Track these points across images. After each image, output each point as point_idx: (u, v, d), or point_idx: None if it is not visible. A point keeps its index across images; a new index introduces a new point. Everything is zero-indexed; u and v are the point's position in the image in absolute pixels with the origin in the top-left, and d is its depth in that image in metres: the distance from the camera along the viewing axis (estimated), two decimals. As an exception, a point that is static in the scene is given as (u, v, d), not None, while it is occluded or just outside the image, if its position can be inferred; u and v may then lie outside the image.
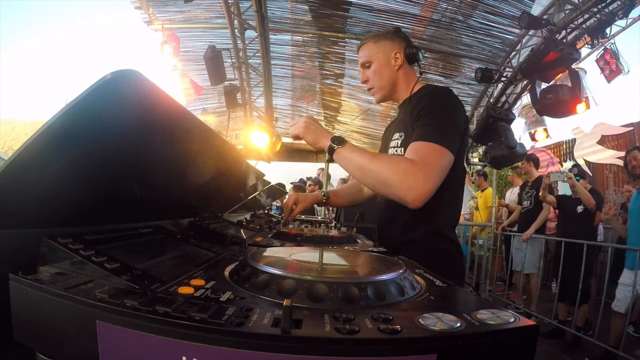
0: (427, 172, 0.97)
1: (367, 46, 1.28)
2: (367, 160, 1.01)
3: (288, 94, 6.63)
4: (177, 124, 0.77)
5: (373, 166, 0.99)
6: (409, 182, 0.95)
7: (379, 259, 0.79)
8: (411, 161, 0.99)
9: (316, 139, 1.09)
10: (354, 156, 1.03)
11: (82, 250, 0.56)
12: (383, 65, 1.25)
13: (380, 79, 1.26)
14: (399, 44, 1.26)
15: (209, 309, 0.43)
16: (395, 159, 1.06)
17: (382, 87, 1.27)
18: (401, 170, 0.97)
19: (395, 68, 1.25)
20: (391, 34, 1.29)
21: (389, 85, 1.27)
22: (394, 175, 0.97)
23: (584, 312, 3.35)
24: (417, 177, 0.96)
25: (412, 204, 0.97)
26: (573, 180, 3.43)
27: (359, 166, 1.02)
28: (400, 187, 0.96)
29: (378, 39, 1.27)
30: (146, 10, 4.84)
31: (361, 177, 1.05)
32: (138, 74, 0.54)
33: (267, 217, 2.10)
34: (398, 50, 1.25)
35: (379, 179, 0.99)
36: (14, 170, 0.50)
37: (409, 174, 0.96)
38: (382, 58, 1.25)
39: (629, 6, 3.52)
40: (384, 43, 1.26)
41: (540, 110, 4.03)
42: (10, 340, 0.47)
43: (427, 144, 1.02)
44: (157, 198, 0.93)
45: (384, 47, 1.26)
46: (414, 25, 4.85)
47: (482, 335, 0.41)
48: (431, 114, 1.08)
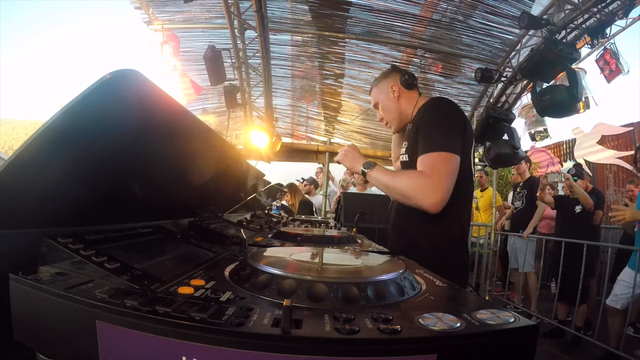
0: (437, 180, 1.11)
1: (372, 92, 1.50)
2: (390, 179, 1.21)
3: (288, 94, 6.62)
4: (177, 124, 0.77)
5: (395, 184, 1.19)
6: (423, 193, 1.11)
7: (379, 258, 0.79)
8: (422, 174, 1.15)
9: (352, 164, 1.30)
10: (381, 177, 1.22)
11: (82, 250, 0.56)
12: (386, 102, 1.44)
13: (389, 113, 1.45)
14: (394, 77, 1.44)
15: (209, 309, 0.43)
16: (410, 175, 1.20)
17: (393, 119, 1.46)
18: (415, 184, 1.14)
19: (396, 100, 1.42)
20: (386, 72, 1.48)
21: (397, 115, 1.44)
22: (411, 189, 1.14)
23: (583, 311, 3.35)
24: (428, 187, 1.11)
25: (431, 210, 1.12)
26: (570, 181, 3.43)
27: (384, 185, 1.21)
28: (417, 198, 1.13)
29: (378, 82, 1.48)
30: (146, 10, 4.84)
31: (388, 194, 1.24)
32: (138, 73, 0.54)
33: (267, 217, 2.10)
34: (394, 84, 1.42)
35: (400, 194, 1.18)
36: (14, 170, 0.50)
37: (422, 186, 1.12)
38: (384, 96, 1.45)
39: (629, 6, 3.51)
40: (382, 83, 1.46)
41: (540, 111, 4.03)
42: (10, 340, 0.47)
43: (430, 154, 1.15)
44: (157, 198, 0.93)
45: (383, 86, 1.45)
46: (414, 25, 4.85)
47: (482, 335, 0.41)
48: (428, 123, 1.22)
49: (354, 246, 1.12)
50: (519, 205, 4.38)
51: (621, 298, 2.82)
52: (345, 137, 7.37)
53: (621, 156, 5.97)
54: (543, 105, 3.79)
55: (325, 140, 7.46)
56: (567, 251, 3.48)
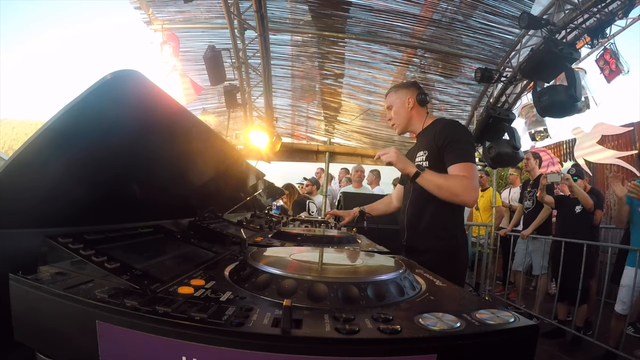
0: (474, 183, 1.50)
1: (390, 94, 1.78)
2: (442, 180, 1.49)
3: (288, 94, 6.61)
4: (177, 124, 0.77)
5: (448, 184, 1.48)
6: (469, 192, 1.47)
7: (378, 258, 0.79)
8: (467, 178, 1.48)
9: (405, 166, 1.53)
10: (433, 179, 1.49)
11: (82, 250, 0.56)
12: (400, 108, 1.73)
13: (399, 118, 1.74)
14: (412, 92, 1.73)
15: (209, 309, 0.43)
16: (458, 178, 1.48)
17: (400, 124, 1.75)
18: (465, 185, 1.46)
19: (409, 109, 1.72)
20: (407, 84, 1.77)
21: (405, 121, 1.74)
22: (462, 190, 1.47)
23: (583, 311, 3.34)
24: (472, 188, 1.48)
25: (471, 205, 1.51)
26: (570, 181, 3.42)
27: (437, 185, 1.49)
28: (465, 196, 1.47)
29: (397, 89, 1.76)
30: (146, 11, 4.84)
31: (439, 192, 1.49)
32: (138, 74, 0.54)
33: (267, 217, 2.10)
34: (411, 97, 1.72)
35: (452, 192, 1.47)
36: (14, 170, 0.50)
37: (468, 187, 1.47)
38: (399, 102, 1.74)
39: (629, 6, 3.51)
40: (401, 92, 1.74)
41: (539, 111, 4.03)
42: (10, 340, 0.47)
43: (465, 164, 1.49)
44: (157, 198, 0.93)
45: (401, 94, 1.74)
46: (414, 25, 4.85)
47: (482, 335, 0.41)
48: (456, 141, 1.54)
49: (354, 246, 1.12)
50: (529, 205, 4.25)
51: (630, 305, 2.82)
52: (345, 137, 7.37)
53: (621, 156, 5.96)
54: (542, 105, 3.79)
55: (325, 140, 7.45)
56: (567, 251, 3.48)
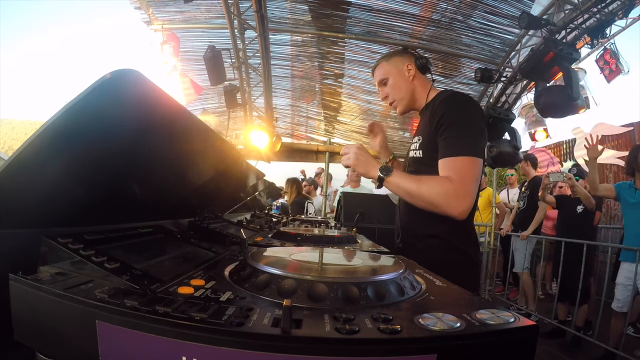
0: (465, 187, 1.07)
1: (380, 66, 1.37)
2: (413, 186, 1.12)
3: (288, 94, 6.62)
4: (177, 124, 0.77)
5: (420, 191, 1.10)
6: (453, 202, 1.07)
7: (379, 258, 0.79)
8: (449, 180, 1.08)
9: (367, 169, 1.18)
10: (402, 184, 1.14)
11: (82, 250, 0.56)
12: (399, 78, 1.33)
13: (399, 92, 1.33)
14: (409, 57, 1.35)
15: (209, 309, 0.43)
16: (436, 181, 1.11)
17: (402, 98, 1.34)
18: (443, 192, 1.08)
19: (410, 79, 1.32)
20: (400, 51, 1.39)
21: (407, 95, 1.33)
22: (439, 197, 1.08)
23: (584, 312, 3.34)
24: (458, 196, 1.07)
25: (459, 218, 1.08)
26: (573, 181, 3.42)
27: (407, 192, 1.13)
28: (446, 207, 1.07)
29: (389, 57, 1.36)
30: (146, 11, 4.84)
31: (411, 201, 1.14)
32: (138, 73, 0.54)
33: (267, 217, 2.10)
34: (409, 62, 1.33)
35: (426, 202, 1.10)
36: (14, 170, 0.50)
37: (451, 195, 1.07)
38: (396, 72, 1.33)
39: (629, 6, 3.51)
40: (395, 59, 1.35)
41: (539, 111, 4.04)
42: (10, 340, 0.47)
43: (457, 159, 1.09)
44: (157, 198, 0.93)
45: (396, 62, 1.34)
46: (414, 25, 4.85)
47: (482, 335, 0.41)
48: (452, 124, 1.13)
49: (354, 246, 1.12)
50: (521, 205, 4.39)
51: (626, 302, 2.85)
52: (345, 137, 7.37)
53: (621, 156, 5.95)
54: (540, 107, 3.81)
55: (325, 140, 7.46)
56: (567, 251, 3.48)
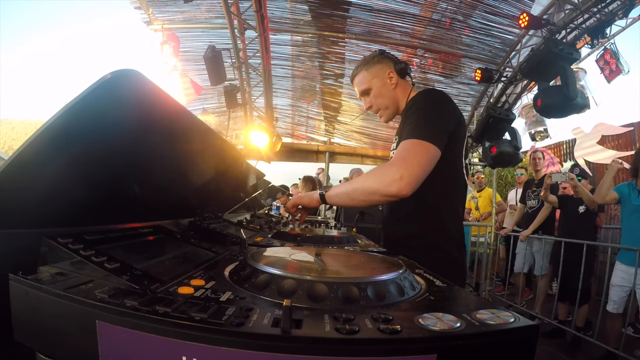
0: (403, 164, 1.02)
1: (360, 75, 1.34)
2: (348, 184, 1.14)
3: (288, 94, 6.63)
4: (177, 124, 0.77)
5: (355, 186, 1.10)
6: (387, 178, 1.01)
7: (378, 259, 0.79)
8: (387, 163, 1.07)
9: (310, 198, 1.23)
10: (338, 189, 1.15)
11: (82, 250, 0.56)
12: (382, 88, 1.31)
13: (383, 101, 1.32)
14: (388, 64, 1.32)
15: (209, 309, 0.43)
16: (371, 170, 1.14)
17: (387, 107, 1.33)
18: (377, 173, 1.07)
19: (392, 87, 1.31)
20: (378, 57, 1.34)
21: (392, 103, 1.32)
22: (373, 180, 1.05)
23: (584, 312, 3.34)
24: (392, 171, 1.01)
25: (399, 195, 1.00)
26: (575, 181, 3.42)
27: (346, 193, 1.12)
28: (381, 185, 1.02)
29: (369, 66, 1.33)
30: (146, 11, 4.84)
31: (353, 201, 1.11)
32: (138, 73, 0.54)
33: (267, 217, 2.10)
34: (390, 70, 1.31)
35: (364, 192, 1.06)
36: (14, 170, 0.50)
37: (385, 172, 1.03)
38: (378, 82, 1.31)
39: (629, 6, 3.51)
40: (375, 68, 1.32)
41: (538, 112, 4.04)
42: (10, 340, 0.47)
43: (406, 142, 1.07)
44: (157, 198, 0.93)
45: (376, 71, 1.32)
46: (414, 25, 4.85)
47: (482, 335, 0.41)
48: (414, 113, 1.14)
49: (353, 246, 1.12)
50: (534, 204, 4.19)
51: (621, 303, 2.86)
52: (345, 137, 7.37)
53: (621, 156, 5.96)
54: (538, 108, 3.81)
55: (325, 140, 7.46)
56: (568, 251, 3.48)
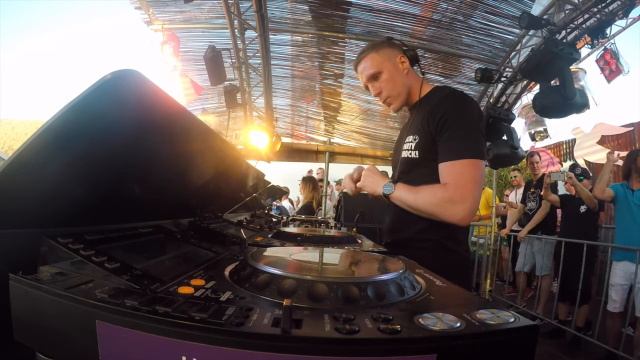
0: (462, 193, 1.04)
1: (369, 57, 1.24)
2: (412, 199, 1.12)
3: (288, 94, 6.62)
4: (177, 124, 0.77)
5: (418, 203, 1.11)
6: (449, 211, 1.05)
7: (379, 258, 0.79)
8: (444, 189, 1.06)
9: (374, 188, 1.21)
10: (403, 197, 1.14)
11: (82, 250, 0.56)
12: (394, 72, 1.22)
13: (395, 86, 1.23)
14: (398, 49, 1.25)
15: (209, 309, 0.43)
16: (430, 191, 1.09)
17: (399, 94, 1.24)
18: (439, 201, 1.07)
19: (405, 72, 1.23)
20: (386, 41, 1.27)
21: (404, 90, 1.24)
22: (436, 208, 1.07)
23: (585, 312, 3.34)
24: (453, 202, 1.05)
25: (460, 224, 1.07)
26: (574, 180, 3.42)
27: (408, 206, 1.14)
28: (444, 215, 1.07)
29: (378, 48, 1.24)
30: (146, 11, 4.84)
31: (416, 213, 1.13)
32: (138, 74, 0.54)
33: (267, 217, 2.11)
34: (400, 54, 1.23)
35: (427, 213, 1.10)
36: (14, 170, 0.50)
37: (447, 203, 1.05)
38: (390, 65, 1.22)
39: (629, 6, 3.51)
40: (385, 51, 1.23)
41: (538, 112, 4.04)
42: (10, 340, 0.47)
43: (455, 163, 1.07)
44: (157, 198, 0.93)
45: (387, 54, 1.23)
46: (414, 25, 4.85)
47: (482, 335, 0.41)
48: (452, 126, 1.09)
49: (354, 246, 1.12)
50: (533, 206, 4.23)
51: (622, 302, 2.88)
52: (345, 137, 7.37)
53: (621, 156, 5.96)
54: (536, 109, 3.82)
55: (325, 140, 7.46)
56: (569, 251, 3.48)
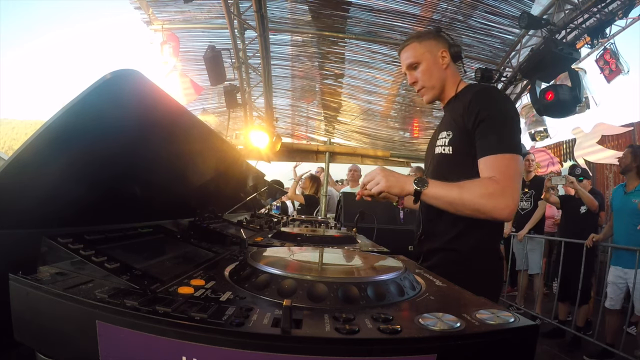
0: (511, 186, 1.03)
1: (411, 47, 1.25)
2: (455, 194, 1.04)
3: (288, 94, 6.62)
4: (177, 124, 0.77)
5: (464, 199, 1.03)
6: (500, 204, 1.01)
7: (379, 258, 0.79)
8: (495, 181, 1.03)
9: (402, 187, 1.09)
10: (442, 194, 1.06)
11: (82, 250, 0.56)
12: (432, 65, 1.23)
13: (431, 79, 1.23)
14: (443, 42, 1.25)
15: (209, 309, 0.43)
16: (480, 184, 1.05)
17: (434, 87, 1.25)
18: (489, 194, 1.02)
19: (443, 67, 1.24)
20: (433, 33, 1.27)
21: (439, 84, 1.24)
22: (485, 201, 1.02)
23: (585, 312, 3.35)
24: (506, 196, 1.01)
25: (507, 219, 1.05)
26: (575, 185, 3.42)
27: (450, 202, 1.05)
28: (494, 210, 1.02)
29: (422, 39, 1.25)
30: (146, 11, 4.84)
31: (454, 211, 1.07)
32: (138, 73, 0.54)
33: (267, 217, 2.11)
34: (444, 49, 1.24)
35: (472, 209, 1.03)
36: (14, 170, 0.50)
37: (498, 196, 1.01)
38: (430, 57, 1.22)
39: (629, 6, 3.52)
40: (429, 42, 1.24)
41: (540, 110, 4.03)
42: (10, 340, 0.47)
43: (499, 157, 1.05)
44: (157, 198, 0.93)
45: (430, 46, 1.23)
46: (414, 25, 4.85)
47: (482, 335, 0.41)
48: (490, 120, 1.09)
49: (354, 246, 1.12)
50: (526, 206, 4.28)
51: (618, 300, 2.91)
52: (345, 137, 7.37)
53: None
54: (545, 104, 3.79)
55: (325, 140, 7.46)
56: (569, 251, 3.48)
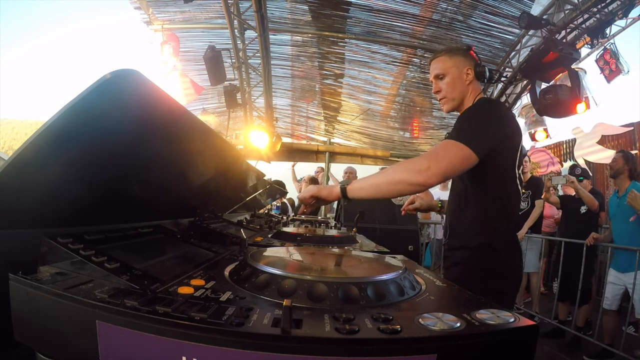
0: (432, 157, 1.07)
1: (441, 59, 1.36)
2: (375, 177, 1.12)
3: (288, 94, 6.62)
4: (177, 124, 0.77)
5: (382, 177, 1.11)
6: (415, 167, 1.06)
7: (379, 258, 0.79)
8: (421, 156, 1.10)
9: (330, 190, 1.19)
10: (364, 183, 1.13)
11: (82, 250, 0.56)
12: (456, 79, 1.33)
13: (453, 91, 1.34)
14: (470, 61, 1.35)
15: (209, 309, 0.43)
16: (404, 162, 1.14)
17: (454, 99, 1.35)
18: (406, 164, 1.10)
19: (466, 83, 1.34)
20: (464, 50, 1.37)
21: (459, 97, 1.34)
22: (402, 170, 1.08)
23: (585, 312, 3.34)
24: (421, 161, 1.06)
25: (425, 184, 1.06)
26: (576, 185, 3.42)
27: (373, 185, 1.11)
28: (409, 175, 1.06)
29: (452, 54, 1.35)
30: (146, 11, 4.84)
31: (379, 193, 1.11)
32: (138, 73, 0.54)
33: (267, 217, 2.11)
34: (470, 67, 1.34)
35: (391, 182, 1.08)
36: (14, 170, 0.50)
37: (414, 163, 1.08)
38: (455, 72, 1.33)
39: (629, 6, 3.52)
40: (458, 58, 1.34)
41: (540, 110, 4.03)
42: (10, 340, 0.47)
43: (443, 141, 1.12)
44: (157, 198, 0.93)
45: (458, 62, 1.34)
46: (414, 25, 4.85)
47: (482, 335, 0.41)
48: (464, 119, 1.20)
49: (354, 246, 1.12)
50: (524, 206, 4.30)
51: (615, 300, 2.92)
52: (345, 137, 7.36)
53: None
54: (545, 104, 3.79)
55: (325, 140, 7.45)
56: (569, 251, 3.48)
